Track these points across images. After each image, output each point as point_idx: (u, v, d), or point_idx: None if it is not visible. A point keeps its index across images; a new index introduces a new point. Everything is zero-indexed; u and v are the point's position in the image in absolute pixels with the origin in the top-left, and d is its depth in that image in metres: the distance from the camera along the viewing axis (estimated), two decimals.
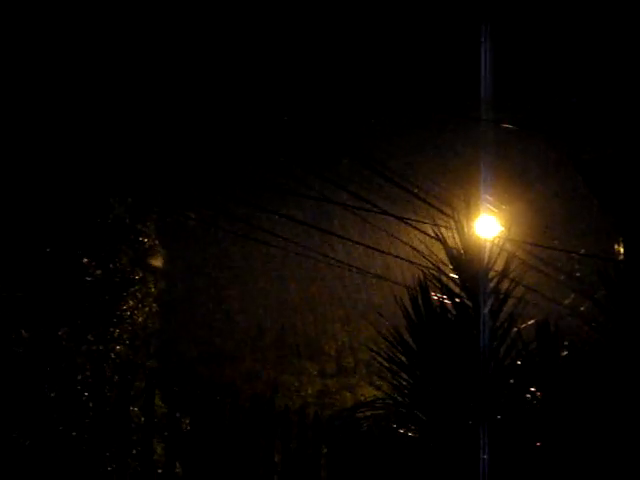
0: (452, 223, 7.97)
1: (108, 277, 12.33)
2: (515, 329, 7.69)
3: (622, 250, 10.70)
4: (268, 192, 11.04)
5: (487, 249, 8.06)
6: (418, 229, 9.24)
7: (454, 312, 7.77)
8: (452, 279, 7.81)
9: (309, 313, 14.09)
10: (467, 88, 11.61)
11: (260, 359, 14.37)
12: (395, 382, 7.93)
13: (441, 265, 7.96)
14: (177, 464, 10.64)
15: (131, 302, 12.53)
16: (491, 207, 11.91)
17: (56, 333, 11.85)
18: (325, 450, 10.14)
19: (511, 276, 7.90)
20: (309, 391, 14.13)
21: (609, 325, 7.82)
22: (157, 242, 12.91)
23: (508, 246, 9.03)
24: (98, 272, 12.23)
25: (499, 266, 7.95)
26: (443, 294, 7.74)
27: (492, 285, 7.79)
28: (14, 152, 11.66)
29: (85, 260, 12.10)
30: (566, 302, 10.90)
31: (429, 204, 10.22)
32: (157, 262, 12.90)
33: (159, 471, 10.77)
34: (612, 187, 10.65)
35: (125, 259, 12.53)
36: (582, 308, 9.93)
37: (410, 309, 7.75)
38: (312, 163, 10.40)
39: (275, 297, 14.14)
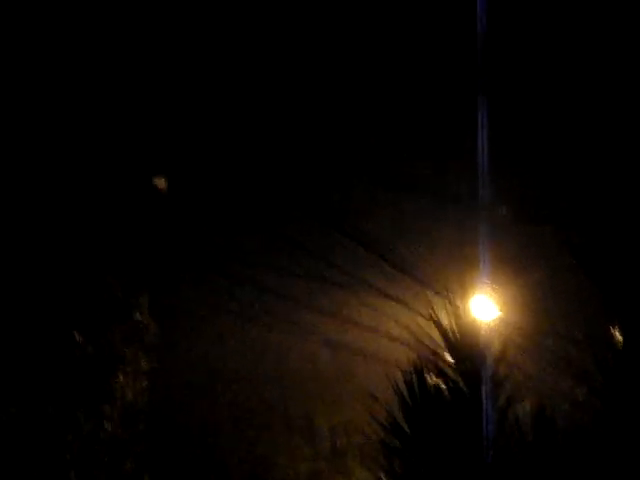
0: (446, 304, 7.89)
1: (99, 353, 12.22)
2: (512, 413, 7.57)
3: (620, 336, 10.61)
4: (260, 266, 10.98)
5: (483, 331, 7.96)
6: (412, 309, 9.17)
7: (450, 396, 7.63)
8: (447, 362, 7.69)
9: (300, 392, 13.92)
10: (461, 168, 11.65)
11: (251, 436, 14.17)
12: (388, 468, 7.77)
13: (437, 348, 7.86)
14: None
15: (122, 379, 12.39)
16: (487, 288, 11.82)
17: (45, 410, 11.71)
18: None
19: (508, 360, 7.79)
20: (301, 471, 13.91)
21: (607, 413, 7.69)
22: (150, 318, 12.81)
23: (504, 329, 8.94)
24: (89, 348, 12.12)
25: (495, 349, 7.85)
26: (438, 377, 7.62)
27: (489, 369, 7.67)
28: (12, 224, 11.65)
29: (76, 336, 12.01)
30: (564, 388, 10.79)
31: (423, 284, 10.17)
32: (149, 338, 12.79)
33: None
34: (607, 271, 10.61)
35: (117, 335, 12.43)
36: (579, 395, 9.81)
37: (405, 392, 7.62)
38: (302, 237, 10.35)
39: (266, 374, 13.99)
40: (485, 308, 12.22)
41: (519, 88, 11.87)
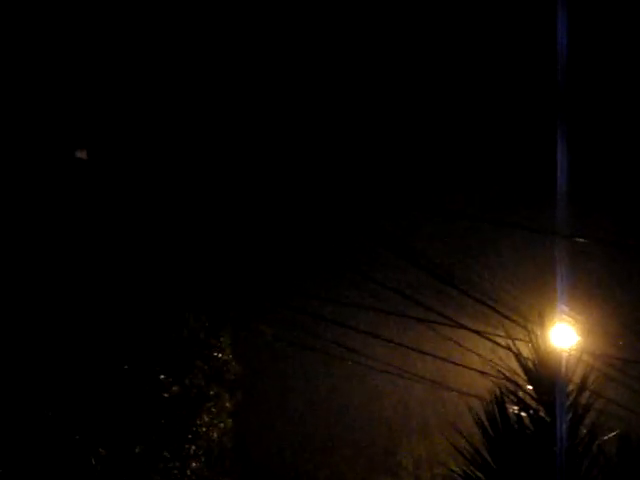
0: (525, 334, 7.88)
1: (184, 393, 12.37)
2: (596, 443, 7.51)
3: None
4: (342, 304, 11.04)
5: (563, 360, 7.92)
6: (492, 340, 9.15)
7: (532, 427, 7.61)
8: (528, 392, 7.67)
9: (384, 426, 13.91)
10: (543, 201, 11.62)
11: (337, 474, 14.17)
12: None
13: (516, 377, 7.83)
14: None
15: (206, 418, 12.51)
16: (567, 317, 11.74)
17: (133, 451, 11.87)
18: None
19: (590, 388, 7.74)
20: None
21: None
22: (231, 356, 12.93)
23: (585, 357, 8.88)
24: (174, 388, 12.28)
25: (576, 378, 7.80)
26: (520, 408, 7.60)
27: (570, 398, 7.63)
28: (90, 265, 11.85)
29: (162, 376, 12.17)
30: None
31: (502, 314, 10.14)
32: (231, 376, 12.90)
33: None
34: None
35: (200, 374, 12.57)
36: None
37: (486, 423, 7.61)
38: (384, 275, 10.40)
39: (350, 409, 14.01)
40: (566, 337, 12.13)
41: (599, 113, 11.82)
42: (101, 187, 11.64)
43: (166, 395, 12.09)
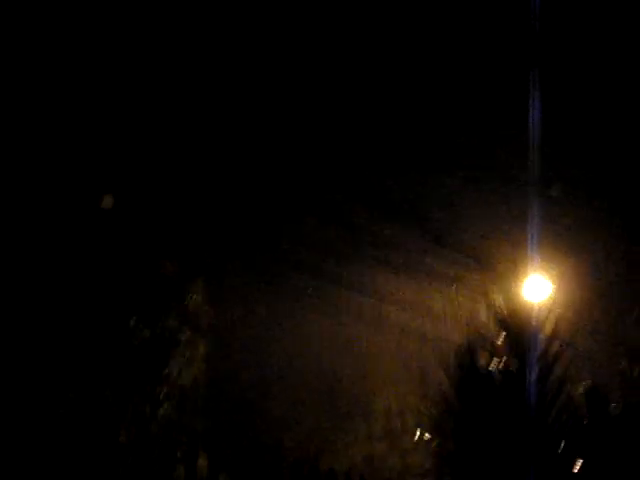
0: (498, 284, 7.90)
1: (155, 337, 12.35)
2: (565, 393, 7.56)
3: None
4: (318, 252, 11.02)
5: (535, 311, 7.96)
6: (465, 290, 9.17)
7: (501, 376, 7.66)
8: (499, 342, 7.71)
9: (359, 375, 13.94)
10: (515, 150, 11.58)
11: (308, 419, 14.22)
12: (440, 446, 7.82)
13: (488, 328, 7.87)
14: None
15: (178, 363, 12.50)
16: (540, 268, 11.77)
17: (103, 394, 11.86)
18: None
19: (560, 339, 7.78)
20: (357, 453, 13.94)
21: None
22: (205, 302, 12.91)
23: (557, 308, 8.93)
24: (145, 333, 12.25)
25: (547, 328, 7.84)
26: (489, 357, 7.64)
27: (540, 348, 7.67)
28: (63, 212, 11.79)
29: (132, 321, 12.14)
30: (620, 367, 10.74)
31: (477, 265, 10.15)
32: (204, 322, 12.89)
33: None
34: None
35: (172, 319, 12.55)
36: (635, 373, 9.77)
37: (456, 372, 7.66)
38: (360, 223, 10.37)
39: (324, 357, 14.03)
40: (539, 288, 12.17)
41: (574, 62, 11.74)
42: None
43: (136, 340, 12.09)
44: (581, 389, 8.10)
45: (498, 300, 7.81)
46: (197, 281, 13.03)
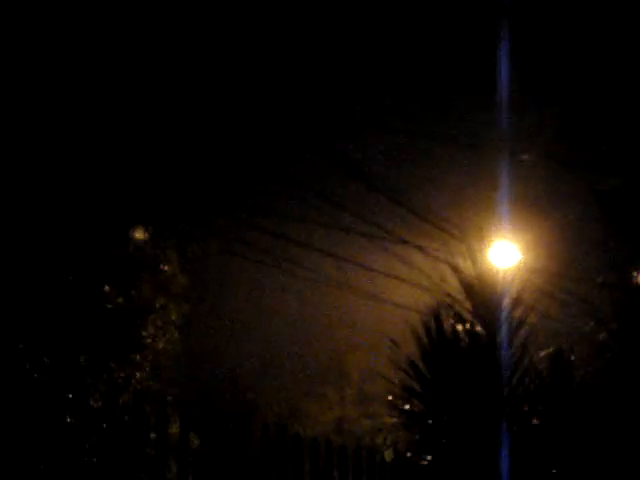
0: (465, 249, 8.01)
1: (129, 304, 12.44)
2: (529, 357, 7.71)
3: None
4: (285, 217, 11.11)
5: (501, 276, 8.08)
6: (432, 255, 9.30)
7: (467, 340, 7.79)
8: (465, 307, 7.84)
9: (330, 340, 14.12)
10: (483, 112, 11.67)
11: (282, 386, 14.41)
12: (408, 410, 7.95)
13: (455, 293, 7.99)
14: None
15: (152, 329, 12.61)
16: (508, 233, 11.93)
17: (77, 360, 11.95)
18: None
19: (525, 304, 7.91)
20: (328, 418, 14.14)
21: (623, 356, 7.84)
22: (178, 269, 13.01)
23: (524, 274, 9.07)
24: (119, 299, 12.34)
25: (513, 294, 7.97)
26: (455, 321, 7.78)
27: (505, 313, 7.80)
28: (37, 180, 11.81)
29: (106, 288, 12.21)
30: (585, 330, 10.92)
31: (442, 229, 10.29)
32: (178, 289, 13.00)
33: None
34: (629, 217, 10.65)
35: (146, 286, 12.64)
36: (600, 337, 9.94)
37: (424, 337, 7.79)
38: (326, 187, 10.47)
39: (295, 323, 14.19)
40: (506, 253, 12.34)
41: (544, 16, 11.79)
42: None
43: (110, 306, 12.17)
44: (545, 353, 8.25)
45: (464, 264, 7.91)
46: (170, 248, 13.13)
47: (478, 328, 7.74)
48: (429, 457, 7.93)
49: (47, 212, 11.97)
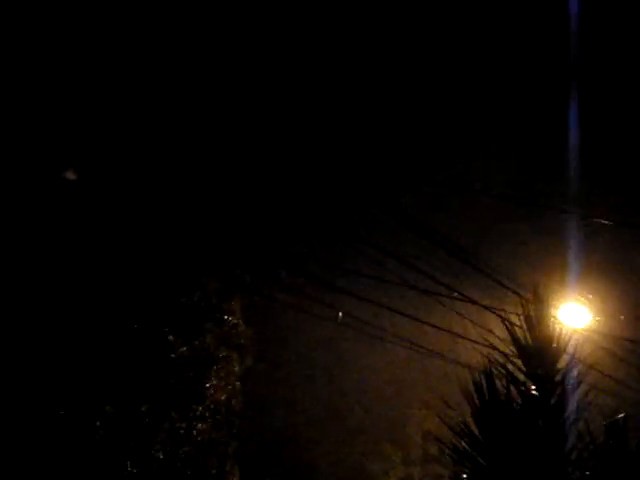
0: (521, 309, 7.81)
1: (193, 354, 12.43)
2: (582, 421, 7.45)
3: None
4: (348, 274, 11.03)
5: (561, 336, 7.86)
6: (494, 312, 9.09)
7: (520, 401, 7.57)
8: (518, 366, 7.63)
9: (394, 398, 13.91)
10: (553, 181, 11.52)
11: (344, 442, 14.20)
12: (462, 472, 7.74)
13: (509, 351, 7.79)
14: None
15: (214, 380, 12.58)
16: (579, 295, 11.67)
17: (139, 409, 11.95)
18: None
19: (582, 365, 7.67)
20: (391, 478, 13.90)
21: None
22: (242, 321, 12.98)
23: (593, 336, 8.82)
24: (183, 349, 12.34)
25: (571, 357, 7.73)
26: (508, 381, 7.56)
27: (560, 374, 7.57)
28: (109, 226, 11.91)
29: (171, 337, 12.24)
30: None
31: (510, 290, 10.08)
32: (241, 340, 12.96)
33: None
34: None
35: (210, 337, 12.63)
36: None
37: (475, 397, 7.59)
38: (392, 246, 10.36)
39: (359, 380, 14.02)
40: (576, 315, 12.03)
41: (614, 88, 11.64)
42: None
43: (174, 355, 12.17)
44: (609, 419, 7.98)
45: (520, 322, 7.71)
46: (235, 300, 13.11)
47: (531, 389, 7.53)
48: None
49: (118, 259, 12.06)
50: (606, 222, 12.00)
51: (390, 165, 12.05)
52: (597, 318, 11.92)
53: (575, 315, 11.37)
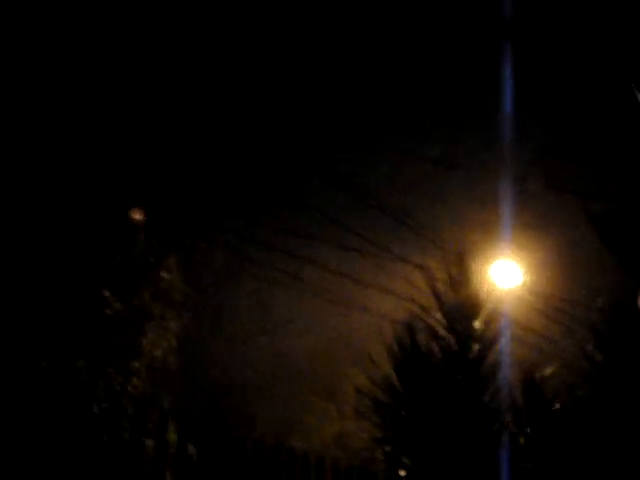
0: (443, 264, 8.01)
1: (129, 311, 12.50)
2: (500, 375, 7.68)
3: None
4: (283, 232, 11.14)
5: (479, 293, 8.06)
6: (418, 266, 9.26)
7: (441, 355, 7.78)
8: (439, 320, 7.83)
9: (327, 355, 14.11)
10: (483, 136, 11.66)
11: (282, 398, 14.39)
12: (381, 424, 7.95)
13: (431, 306, 7.98)
14: None
15: (150, 336, 12.66)
16: (508, 253, 11.90)
17: (75, 365, 12.01)
18: None
19: (499, 321, 7.88)
20: (328, 432, 14.13)
21: (597, 376, 7.80)
22: (179, 278, 13.06)
23: (515, 293, 9.03)
24: (119, 305, 12.40)
25: (489, 310, 7.94)
26: (429, 336, 7.77)
27: (480, 330, 7.78)
28: (41, 183, 11.90)
29: (107, 294, 12.29)
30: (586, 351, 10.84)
31: (440, 247, 10.26)
32: (178, 298, 13.04)
33: None
34: (624, 239, 10.57)
35: (146, 294, 12.70)
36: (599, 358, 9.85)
37: (396, 350, 7.79)
38: (324, 204, 10.49)
39: (297, 338, 14.18)
40: (506, 273, 12.28)
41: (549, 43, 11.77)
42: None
43: (109, 312, 12.24)
44: (541, 373, 8.20)
45: (443, 278, 7.89)
46: (171, 257, 13.19)
47: (452, 343, 7.72)
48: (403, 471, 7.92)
49: (51, 215, 12.07)
50: (537, 185, 12.25)
51: (323, 126, 12.15)
52: (527, 276, 12.17)
53: (505, 273, 11.59)
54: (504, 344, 7.91)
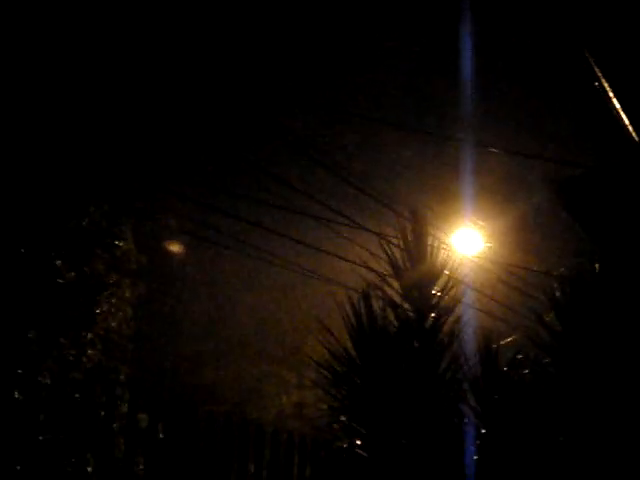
0: (398, 229, 7.77)
1: (82, 280, 12.21)
2: (456, 343, 7.47)
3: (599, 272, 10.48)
4: (241, 198, 10.89)
5: (435, 260, 7.84)
6: (373, 232, 9.06)
7: (396, 324, 7.56)
8: (397, 290, 7.60)
9: (287, 323, 13.91)
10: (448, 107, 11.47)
11: (241, 366, 14.20)
12: (335, 394, 7.73)
13: (388, 273, 7.76)
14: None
15: (105, 306, 12.40)
16: (470, 221, 11.75)
17: (25, 335, 11.73)
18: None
19: (460, 290, 7.67)
20: (286, 402, 13.95)
21: (557, 347, 7.62)
22: (133, 246, 12.78)
23: (479, 262, 8.86)
24: (72, 275, 12.11)
25: (446, 278, 7.73)
26: (385, 304, 7.54)
27: (436, 298, 7.56)
28: None
29: (58, 262, 11.99)
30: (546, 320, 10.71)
31: (399, 214, 10.06)
32: (133, 266, 12.77)
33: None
34: (587, 207, 10.44)
35: (100, 263, 12.41)
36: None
37: (352, 319, 7.56)
38: (283, 170, 10.25)
39: (255, 307, 13.97)
40: (468, 241, 12.11)
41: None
42: None
43: (62, 281, 11.94)
44: (498, 343, 8.02)
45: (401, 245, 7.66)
46: (126, 225, 12.89)
47: (408, 312, 7.51)
48: (358, 442, 7.73)
49: (2, 182, 11.74)
50: (497, 151, 12.06)
51: (275, 86, 11.88)
52: (488, 244, 12.02)
53: (467, 241, 11.42)
54: (463, 312, 7.72)
